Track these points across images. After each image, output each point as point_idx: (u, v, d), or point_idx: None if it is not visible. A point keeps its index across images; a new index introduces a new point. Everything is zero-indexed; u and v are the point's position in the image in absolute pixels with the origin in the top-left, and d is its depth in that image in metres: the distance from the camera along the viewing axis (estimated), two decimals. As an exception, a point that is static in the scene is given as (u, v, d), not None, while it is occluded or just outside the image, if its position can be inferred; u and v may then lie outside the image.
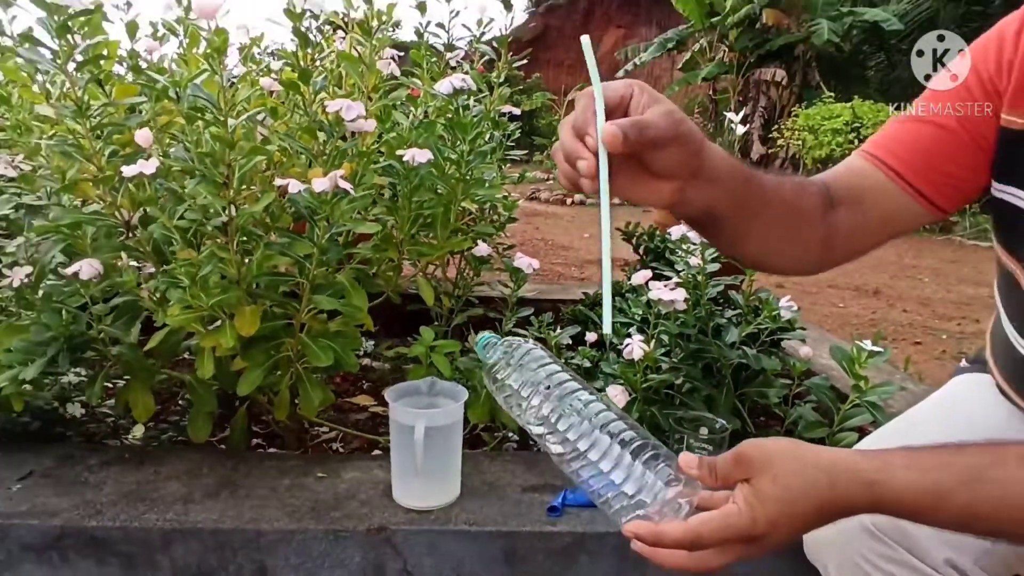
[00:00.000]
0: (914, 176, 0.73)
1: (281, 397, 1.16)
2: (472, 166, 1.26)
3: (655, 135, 0.55)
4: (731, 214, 0.64)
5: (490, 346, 0.70)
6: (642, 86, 0.57)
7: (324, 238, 1.02)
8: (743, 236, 0.68)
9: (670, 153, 0.56)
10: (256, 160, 0.99)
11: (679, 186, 0.59)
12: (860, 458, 0.57)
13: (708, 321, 1.31)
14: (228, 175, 0.99)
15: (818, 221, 0.71)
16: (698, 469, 0.59)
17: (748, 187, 0.64)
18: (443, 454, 1.01)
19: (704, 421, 1.09)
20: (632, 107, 0.57)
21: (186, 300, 1.00)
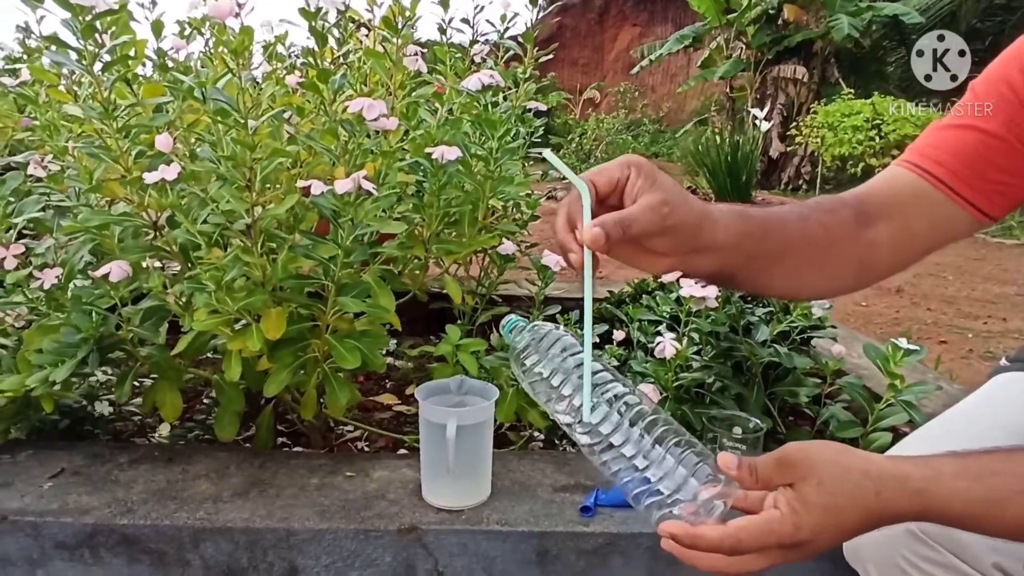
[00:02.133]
0: (961, 185, 0.71)
1: (308, 397, 1.16)
2: (500, 163, 1.25)
3: (640, 231, 0.56)
4: (744, 269, 0.64)
5: (517, 330, 0.67)
6: (640, 166, 0.57)
7: (348, 240, 1.02)
8: (765, 282, 0.67)
9: (662, 241, 0.58)
10: (278, 161, 0.99)
11: (678, 260, 0.60)
12: (908, 466, 0.55)
13: (739, 319, 1.29)
14: (250, 177, 0.98)
15: (852, 243, 0.70)
16: (737, 470, 0.57)
17: (763, 241, 0.63)
18: (474, 453, 1.00)
19: (737, 420, 1.07)
20: (627, 192, 0.57)
21: (212, 304, 0.99)
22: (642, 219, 0.56)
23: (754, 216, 0.64)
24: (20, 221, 1.09)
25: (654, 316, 1.42)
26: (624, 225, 0.56)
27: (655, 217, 0.56)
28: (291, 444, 1.33)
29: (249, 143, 0.96)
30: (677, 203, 0.57)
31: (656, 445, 0.56)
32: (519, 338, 0.66)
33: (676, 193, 0.58)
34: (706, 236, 0.59)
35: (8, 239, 1.06)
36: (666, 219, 0.57)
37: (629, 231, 0.56)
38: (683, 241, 0.58)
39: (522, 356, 0.64)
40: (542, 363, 0.62)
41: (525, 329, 0.67)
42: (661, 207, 0.56)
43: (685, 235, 0.58)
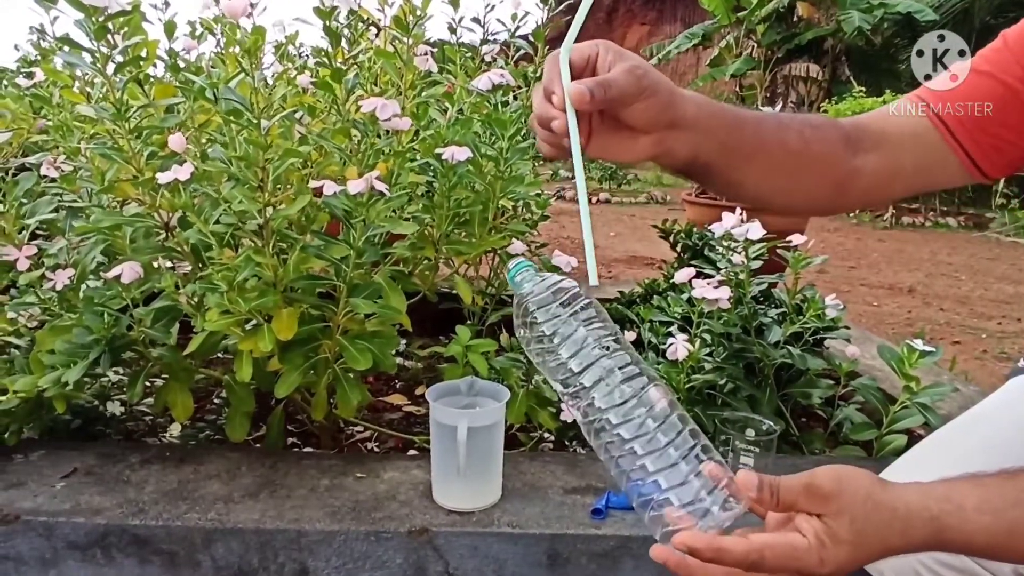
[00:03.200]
0: (962, 131, 0.69)
1: (318, 398, 1.16)
2: (510, 163, 1.25)
3: (620, 91, 0.56)
4: (719, 160, 0.63)
5: (525, 279, 0.61)
6: (608, 45, 0.58)
7: (360, 240, 1.02)
8: (737, 181, 0.66)
9: (640, 108, 0.57)
10: (290, 162, 0.99)
11: (657, 138, 0.59)
12: (932, 501, 0.54)
13: (751, 320, 1.28)
14: (263, 178, 0.98)
15: (833, 164, 0.69)
16: (757, 491, 0.55)
17: (737, 133, 0.63)
18: (485, 455, 1.00)
19: (751, 423, 1.06)
20: (599, 66, 0.57)
21: (224, 304, 1.00)
22: (620, 80, 0.56)
23: (725, 107, 0.64)
24: (33, 222, 1.09)
25: (665, 317, 1.41)
26: (604, 85, 0.56)
27: (631, 79, 0.56)
28: (301, 445, 1.33)
29: (262, 143, 0.96)
30: (649, 68, 0.58)
31: (674, 451, 0.54)
32: (526, 285, 0.61)
33: (644, 62, 0.58)
34: (678, 109, 0.59)
35: (21, 240, 1.06)
36: (641, 80, 0.57)
37: (609, 91, 0.56)
38: (660, 109, 0.58)
39: (527, 303, 0.59)
40: (551, 322, 0.57)
41: (536, 278, 0.61)
42: (635, 70, 0.57)
43: (661, 101, 0.58)
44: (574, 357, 0.56)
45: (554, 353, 0.57)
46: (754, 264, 1.30)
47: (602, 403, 0.55)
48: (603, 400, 0.55)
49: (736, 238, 1.29)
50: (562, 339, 0.57)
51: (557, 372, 0.57)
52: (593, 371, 0.55)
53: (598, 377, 0.55)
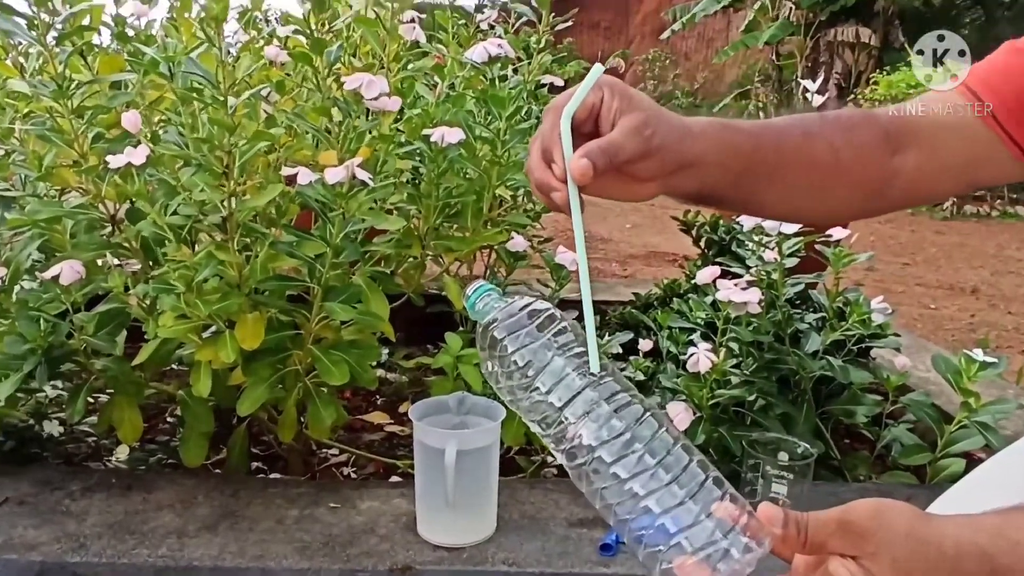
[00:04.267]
0: (1008, 117, 0.70)
1: (287, 416, 1.16)
2: (509, 146, 1.26)
3: (626, 158, 0.58)
4: (732, 190, 0.65)
5: (489, 305, 0.61)
6: (613, 86, 0.59)
7: (338, 236, 1.03)
8: (757, 204, 0.69)
9: (645, 165, 0.59)
10: (260, 146, 1.00)
11: (662, 183, 0.62)
12: (984, 537, 0.54)
13: (785, 326, 1.29)
14: (228, 163, 0.99)
15: (868, 171, 0.70)
16: (783, 527, 0.54)
17: (753, 157, 0.65)
18: (477, 482, 1.01)
19: (783, 445, 1.07)
20: (603, 117, 0.59)
21: (180, 308, 1.00)
22: (627, 145, 0.58)
23: (743, 129, 0.65)
24: (-42, 214, 1.10)
25: (687, 323, 1.42)
26: (610, 153, 0.57)
27: (640, 141, 0.58)
28: (267, 470, 1.33)
29: (228, 124, 0.97)
30: (658, 123, 0.59)
31: (679, 489, 0.53)
32: (487, 309, 0.61)
33: (654, 111, 0.60)
34: (687, 153, 0.61)
35: (-56, 235, 1.07)
36: (650, 140, 0.58)
37: (616, 159, 0.57)
38: (665, 163, 0.60)
39: (493, 328, 0.59)
40: (521, 351, 0.57)
41: (500, 304, 0.61)
42: (643, 129, 0.58)
43: (668, 156, 0.60)
44: (553, 390, 0.56)
45: (529, 388, 0.57)
46: (789, 262, 1.31)
47: (591, 440, 0.55)
48: (592, 437, 0.55)
49: (768, 232, 1.30)
50: (538, 370, 0.57)
51: (535, 411, 0.57)
52: (577, 404, 0.56)
53: (584, 411, 0.55)
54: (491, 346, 0.59)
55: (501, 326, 0.59)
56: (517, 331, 0.58)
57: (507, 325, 0.58)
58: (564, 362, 0.56)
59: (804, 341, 1.33)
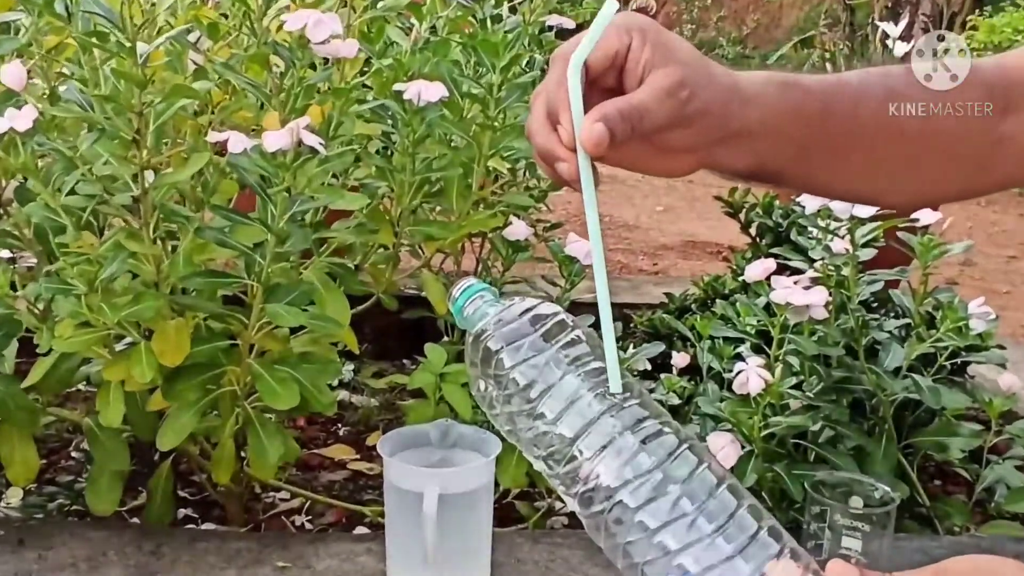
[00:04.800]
0: None
1: (222, 450, 1.16)
2: (504, 106, 1.25)
3: (653, 125, 0.58)
4: (794, 166, 0.65)
5: (480, 309, 0.62)
6: (645, 30, 0.59)
7: (283, 218, 1.01)
8: (823, 183, 0.70)
9: (680, 134, 0.60)
10: (180, 104, 0.99)
11: (704, 155, 0.62)
12: None
13: (859, 336, 1.28)
14: (139, 128, 0.98)
15: (969, 139, 0.71)
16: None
17: (823, 125, 0.65)
18: (465, 534, 1.00)
19: (857, 486, 1.06)
20: (629, 68, 0.58)
21: (82, 314, 0.99)
22: (656, 109, 0.57)
23: (809, 88, 0.65)
24: None
25: (733, 332, 1.41)
26: (633, 119, 0.57)
27: (673, 105, 0.57)
28: (198, 519, 1.33)
29: (138, 77, 0.96)
30: (699, 82, 0.58)
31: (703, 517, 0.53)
32: (481, 319, 0.61)
33: (697, 66, 0.59)
34: (735, 120, 0.61)
35: None
36: (686, 105, 0.58)
37: (640, 127, 0.57)
38: (707, 132, 0.60)
39: (484, 339, 0.60)
40: (522, 367, 0.58)
41: (495, 307, 0.62)
42: (678, 90, 0.57)
43: (710, 124, 0.59)
44: (564, 417, 0.56)
45: (533, 415, 0.57)
46: (864, 253, 1.30)
47: (612, 480, 0.55)
48: (613, 476, 0.55)
49: (838, 215, 1.29)
50: (544, 392, 0.57)
51: (540, 444, 0.57)
52: (594, 435, 0.56)
53: (602, 443, 0.55)
54: (484, 361, 0.59)
55: (497, 335, 0.59)
56: (517, 342, 0.58)
57: (504, 334, 0.59)
58: (577, 381, 0.57)
59: (883, 355, 1.32)
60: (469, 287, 0.63)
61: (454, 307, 0.64)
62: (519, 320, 0.59)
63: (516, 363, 0.58)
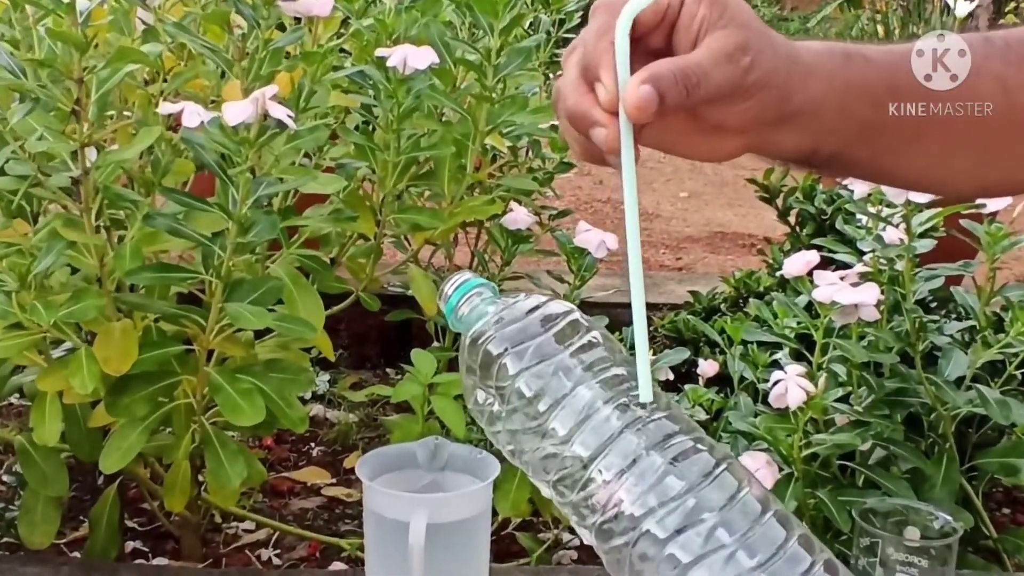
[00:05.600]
0: None
1: (176, 473, 1.15)
2: (504, 75, 1.25)
3: (710, 92, 0.57)
4: (855, 148, 0.65)
5: (477, 309, 0.62)
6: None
7: (245, 204, 1.01)
8: (888, 169, 0.70)
9: (738, 109, 0.59)
10: (127, 71, 0.98)
11: (755, 137, 0.62)
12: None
13: (916, 341, 1.27)
14: (79, 98, 0.98)
15: None
16: None
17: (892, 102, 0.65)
18: (457, 570, 0.99)
19: (912, 516, 1.04)
20: (682, 25, 0.58)
21: (12, 314, 0.99)
22: (715, 74, 0.56)
23: (872, 59, 0.64)
24: None
25: (769, 336, 1.40)
26: (689, 83, 0.56)
27: (733, 72, 0.57)
28: (149, 552, 1.32)
29: (77, 39, 0.95)
30: (762, 49, 0.58)
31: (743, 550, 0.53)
32: (479, 319, 0.61)
33: (758, 31, 0.58)
34: (797, 95, 0.60)
35: None
36: (748, 74, 0.57)
37: (696, 93, 0.56)
38: (765, 108, 0.59)
39: (489, 354, 0.59)
40: (527, 376, 0.58)
41: (491, 301, 0.62)
42: (740, 55, 0.57)
43: (770, 98, 0.59)
44: (577, 434, 0.56)
45: (541, 432, 0.57)
46: (921, 245, 1.29)
47: (635, 508, 0.54)
48: (637, 503, 0.54)
49: (891, 201, 1.28)
50: (553, 405, 0.57)
51: (550, 466, 0.57)
52: (614, 455, 0.55)
53: (624, 465, 0.55)
54: (483, 368, 0.59)
55: (498, 337, 0.59)
56: (522, 345, 0.58)
57: (507, 336, 0.59)
58: (593, 391, 0.56)
59: (943, 363, 1.31)
60: (465, 283, 0.63)
61: (446, 306, 0.63)
62: (525, 320, 0.59)
63: (521, 370, 0.57)
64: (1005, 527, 1.35)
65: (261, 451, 1.56)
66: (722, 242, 4.11)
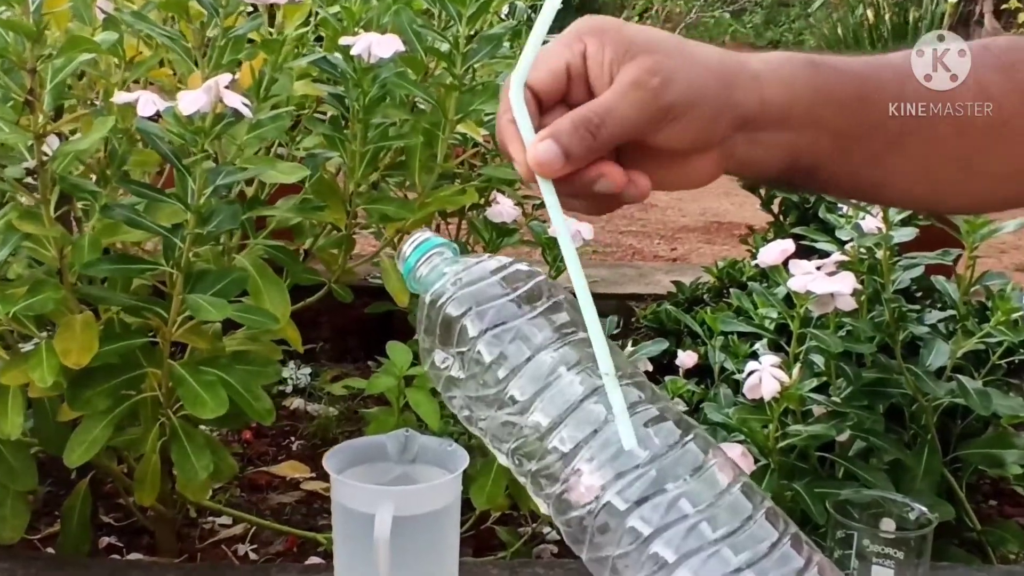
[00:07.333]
0: None
1: (145, 467, 1.14)
2: (473, 63, 1.23)
3: (623, 128, 0.58)
4: (834, 159, 0.65)
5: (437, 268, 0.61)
6: (600, 31, 0.59)
7: (203, 194, 1.00)
8: (874, 181, 0.68)
9: (676, 129, 0.59)
10: (82, 60, 0.97)
11: (722, 156, 0.61)
12: None
13: (896, 331, 1.26)
14: (34, 87, 0.97)
15: None
16: None
17: (865, 113, 0.65)
18: (425, 563, 0.98)
19: (889, 507, 1.04)
20: (594, 76, 0.59)
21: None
22: (621, 106, 0.56)
23: (840, 68, 0.64)
24: None
25: (747, 327, 1.40)
26: (591, 125, 0.56)
27: (643, 97, 0.57)
28: (123, 548, 1.32)
29: (29, 28, 0.94)
30: (676, 66, 0.58)
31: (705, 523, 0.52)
32: (437, 280, 0.60)
33: (670, 50, 0.58)
34: (745, 101, 0.60)
35: None
36: (663, 94, 0.57)
37: (603, 132, 0.56)
38: (708, 122, 0.59)
39: (448, 316, 0.58)
40: (489, 340, 0.57)
41: (452, 262, 0.61)
42: (647, 78, 0.57)
43: (708, 111, 0.59)
44: (536, 404, 0.55)
45: (497, 399, 0.56)
46: (901, 234, 1.28)
47: (595, 479, 0.54)
48: (596, 475, 0.54)
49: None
50: (514, 370, 0.56)
51: (505, 433, 0.57)
52: (574, 425, 0.54)
53: (585, 433, 0.54)
54: (442, 329, 0.58)
55: (459, 298, 0.58)
56: (484, 306, 0.57)
57: (469, 296, 0.57)
58: (556, 357, 0.56)
59: (925, 353, 1.31)
60: (424, 242, 0.62)
61: (404, 266, 0.62)
62: (487, 280, 0.58)
63: (482, 332, 0.56)
64: (989, 519, 1.34)
65: (239, 445, 1.56)
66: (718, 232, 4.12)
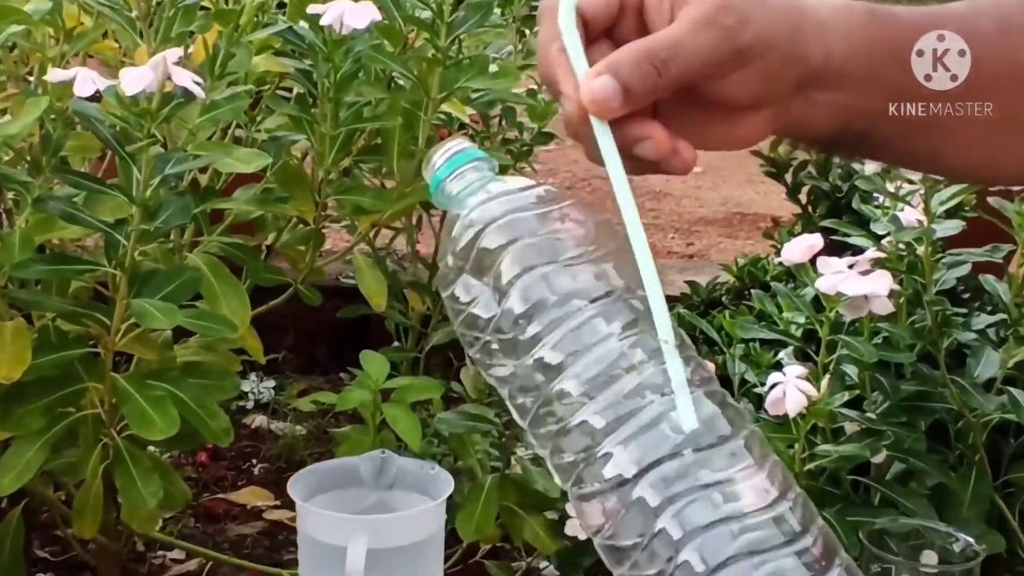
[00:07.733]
0: None
1: (86, 494, 1.15)
2: (459, 33, 1.24)
3: (690, 68, 0.57)
4: (890, 124, 0.65)
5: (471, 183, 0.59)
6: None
7: (149, 184, 1.00)
8: (930, 150, 0.69)
9: (743, 77, 0.59)
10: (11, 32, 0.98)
11: (777, 115, 0.62)
12: None
13: (939, 338, 1.26)
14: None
15: None
16: None
17: None
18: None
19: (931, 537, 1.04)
20: (650, 9, 0.58)
21: None
22: (694, 44, 0.56)
23: (901, 17, 0.64)
24: None
25: (771, 333, 1.39)
26: (657, 60, 0.56)
27: (717, 36, 0.56)
28: (61, 585, 1.33)
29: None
30: (751, 4, 0.58)
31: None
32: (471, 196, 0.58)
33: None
34: (815, 52, 0.60)
35: None
36: (738, 35, 0.56)
37: (671, 70, 0.56)
38: (778, 72, 0.59)
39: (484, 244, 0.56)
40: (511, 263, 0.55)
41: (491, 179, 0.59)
42: (722, 16, 0.56)
43: (779, 59, 0.59)
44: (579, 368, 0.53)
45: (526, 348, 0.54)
46: (944, 227, 1.28)
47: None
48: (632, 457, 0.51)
49: (911, 178, 1.27)
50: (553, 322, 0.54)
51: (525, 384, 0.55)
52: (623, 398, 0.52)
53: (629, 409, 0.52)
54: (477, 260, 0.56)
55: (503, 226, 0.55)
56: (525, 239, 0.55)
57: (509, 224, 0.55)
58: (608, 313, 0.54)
59: (972, 363, 1.30)
60: (460, 152, 0.59)
61: (432, 178, 0.60)
62: (536, 211, 0.56)
63: (523, 271, 0.54)
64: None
65: (192, 469, 1.56)
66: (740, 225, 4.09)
